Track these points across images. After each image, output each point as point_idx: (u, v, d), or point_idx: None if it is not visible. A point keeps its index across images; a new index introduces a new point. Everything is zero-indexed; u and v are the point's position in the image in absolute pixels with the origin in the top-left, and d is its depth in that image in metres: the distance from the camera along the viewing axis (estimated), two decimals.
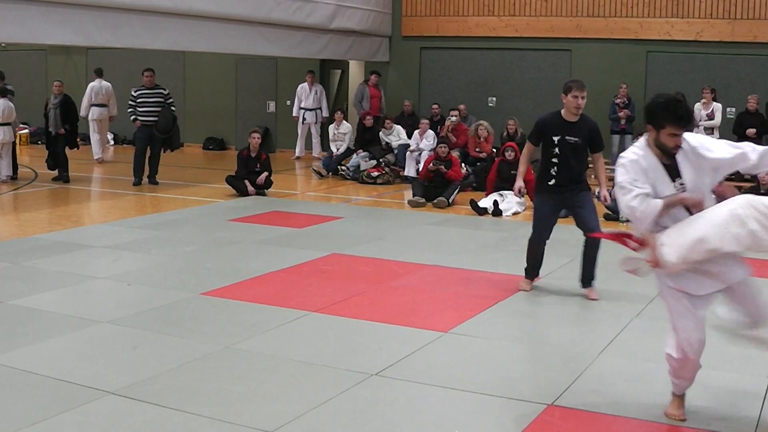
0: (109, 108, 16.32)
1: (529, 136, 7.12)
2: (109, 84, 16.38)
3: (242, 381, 4.89)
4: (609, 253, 8.85)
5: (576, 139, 6.79)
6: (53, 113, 13.47)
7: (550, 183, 6.88)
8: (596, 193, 7.15)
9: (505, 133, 14.10)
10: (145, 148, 13.22)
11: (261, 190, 12.29)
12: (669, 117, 4.20)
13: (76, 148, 13.94)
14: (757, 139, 13.31)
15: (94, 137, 16.24)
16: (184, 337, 5.68)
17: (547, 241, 7.18)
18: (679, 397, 4.54)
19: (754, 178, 11.84)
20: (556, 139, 6.81)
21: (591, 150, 6.99)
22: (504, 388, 4.85)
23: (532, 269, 7.23)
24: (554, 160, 6.84)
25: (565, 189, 6.84)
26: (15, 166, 13.54)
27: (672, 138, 4.21)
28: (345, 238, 9.17)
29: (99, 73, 16.38)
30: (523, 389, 4.83)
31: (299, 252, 8.38)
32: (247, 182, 12.19)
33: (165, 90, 13.39)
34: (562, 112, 6.85)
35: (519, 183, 7.20)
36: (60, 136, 13.44)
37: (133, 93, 13.37)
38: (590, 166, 7.27)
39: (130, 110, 13.32)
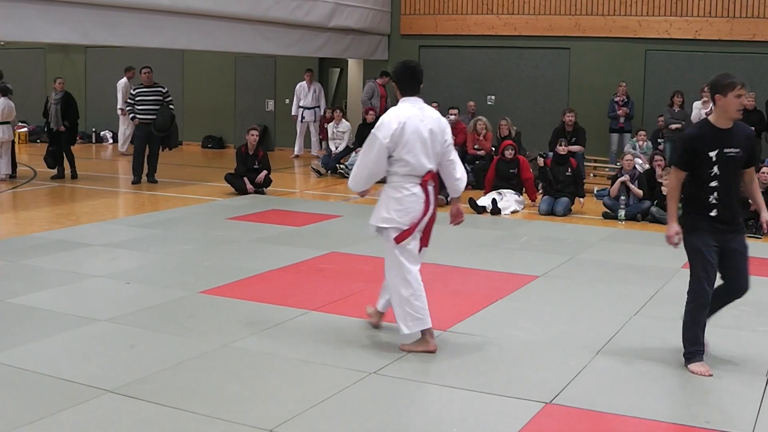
0: None
1: (677, 160, 5.34)
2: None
3: (240, 379, 4.89)
4: (610, 251, 8.86)
5: (737, 150, 5.16)
6: (54, 109, 13.47)
7: (711, 215, 5.14)
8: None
9: (498, 134, 14.08)
10: (143, 146, 13.21)
11: (260, 188, 12.28)
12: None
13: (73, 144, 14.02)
14: (756, 137, 13.29)
15: (121, 130, 17.51)
16: (182, 335, 5.68)
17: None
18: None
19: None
20: (713, 155, 5.12)
21: (745, 164, 5.27)
22: (502, 386, 4.85)
23: (698, 344, 5.27)
24: (713, 183, 5.13)
25: (728, 224, 5.17)
26: (14, 165, 13.54)
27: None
28: (343, 237, 9.16)
29: (128, 70, 17.19)
30: (521, 387, 4.83)
31: (297, 250, 8.38)
32: (246, 180, 12.18)
33: (163, 88, 13.38)
34: (712, 118, 5.25)
35: (675, 227, 5.20)
36: (61, 133, 13.45)
37: (131, 91, 13.37)
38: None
39: (128, 108, 13.33)
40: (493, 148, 13.97)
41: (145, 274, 7.38)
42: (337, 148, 15.16)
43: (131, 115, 13.29)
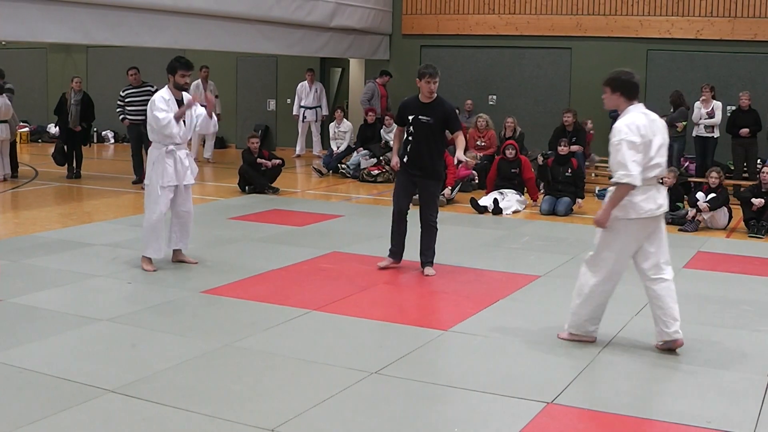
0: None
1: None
2: (211, 83, 16.40)
3: (242, 379, 4.89)
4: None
5: (428, 118, 7.72)
6: (74, 110, 13.50)
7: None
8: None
9: (503, 133, 14.07)
10: (138, 146, 13.14)
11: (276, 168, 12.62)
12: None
13: (87, 145, 14.22)
14: (751, 138, 13.10)
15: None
16: (183, 335, 5.68)
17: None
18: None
19: (755, 176, 11.82)
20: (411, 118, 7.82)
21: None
22: (504, 386, 4.85)
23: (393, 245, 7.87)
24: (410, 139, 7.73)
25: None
26: (15, 165, 13.54)
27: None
28: (345, 237, 9.17)
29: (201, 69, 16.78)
30: (522, 387, 4.83)
31: (299, 250, 8.38)
32: (261, 162, 12.47)
33: (153, 87, 13.31)
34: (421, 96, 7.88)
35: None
36: (77, 133, 13.49)
37: (121, 93, 13.31)
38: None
39: (118, 110, 13.26)
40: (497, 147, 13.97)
41: (147, 273, 7.39)
42: (338, 148, 15.16)
43: (121, 117, 13.25)
